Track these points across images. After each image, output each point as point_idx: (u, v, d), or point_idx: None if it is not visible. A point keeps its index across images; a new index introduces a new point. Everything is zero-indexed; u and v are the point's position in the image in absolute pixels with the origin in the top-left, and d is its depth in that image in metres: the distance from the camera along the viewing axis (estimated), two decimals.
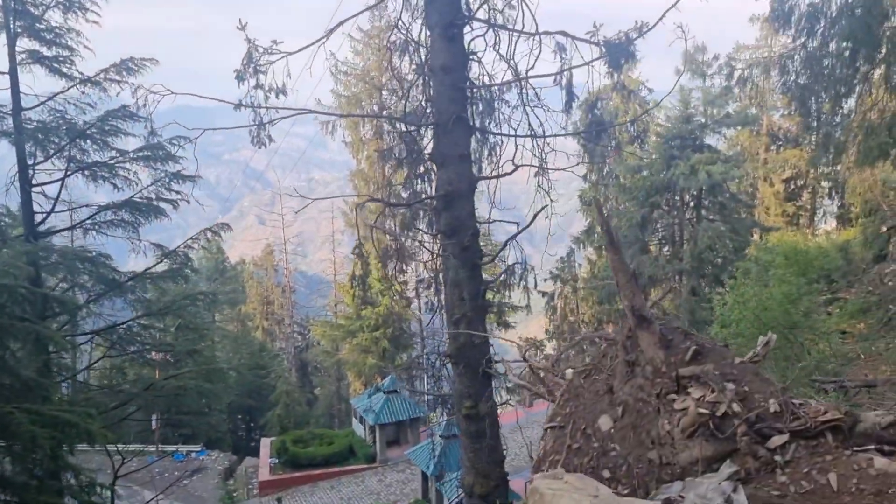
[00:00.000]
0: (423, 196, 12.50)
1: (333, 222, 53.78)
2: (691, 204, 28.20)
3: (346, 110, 36.08)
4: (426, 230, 13.05)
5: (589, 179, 49.66)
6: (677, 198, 27.99)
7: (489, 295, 15.37)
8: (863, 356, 22.51)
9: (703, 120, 28.24)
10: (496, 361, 11.95)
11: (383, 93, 22.31)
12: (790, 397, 3.57)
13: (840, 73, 14.91)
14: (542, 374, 4.93)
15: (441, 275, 12.89)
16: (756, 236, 35.51)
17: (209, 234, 22.66)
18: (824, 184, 46.00)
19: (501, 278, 13.55)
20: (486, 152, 15.62)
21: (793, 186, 47.71)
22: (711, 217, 28.56)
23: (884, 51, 14.33)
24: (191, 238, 22.51)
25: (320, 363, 60.36)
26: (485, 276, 14.25)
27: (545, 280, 56.90)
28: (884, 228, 30.04)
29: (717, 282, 22.86)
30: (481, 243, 13.30)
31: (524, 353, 9.08)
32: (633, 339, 3.92)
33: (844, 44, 14.70)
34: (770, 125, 45.40)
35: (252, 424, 63.49)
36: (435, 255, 12.59)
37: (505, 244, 12.30)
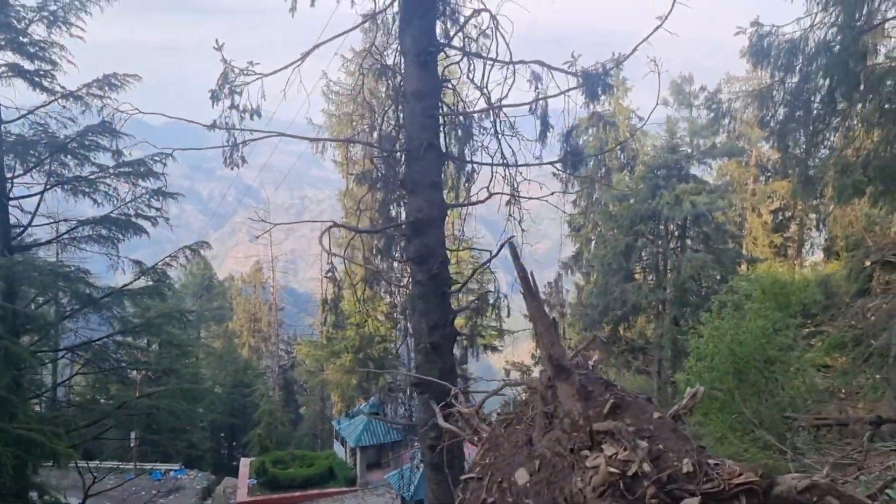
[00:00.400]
0: (393, 223, 12.38)
1: (322, 241, 53.54)
2: (676, 233, 28.19)
3: (336, 130, 36.09)
4: (399, 257, 12.91)
5: (578, 205, 49.90)
6: (662, 227, 27.97)
7: (469, 321, 15.26)
8: (843, 392, 22.41)
9: (689, 150, 28.32)
10: (461, 392, 11.74)
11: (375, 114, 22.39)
12: (706, 457, 3.43)
13: (818, 110, 14.95)
14: (469, 420, 4.79)
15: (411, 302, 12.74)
16: (743, 267, 35.59)
17: (188, 252, 22.46)
18: (812, 216, 46.15)
19: (473, 306, 13.40)
20: (463, 179, 15.61)
21: (780, 217, 47.87)
22: (696, 247, 28.55)
23: (861, 88, 14.36)
24: (169, 255, 22.32)
25: (304, 382, 59.92)
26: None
27: None
28: (867, 262, 30.06)
29: (699, 312, 22.75)
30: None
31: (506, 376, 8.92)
32: (553, 390, 3.79)
33: (822, 80, 14.74)
34: (759, 156, 45.62)
35: (234, 443, 62.83)
36: (406, 282, 12.46)
37: (473, 273, 12.23)
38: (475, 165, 13.11)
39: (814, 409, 14.76)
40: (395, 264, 13.73)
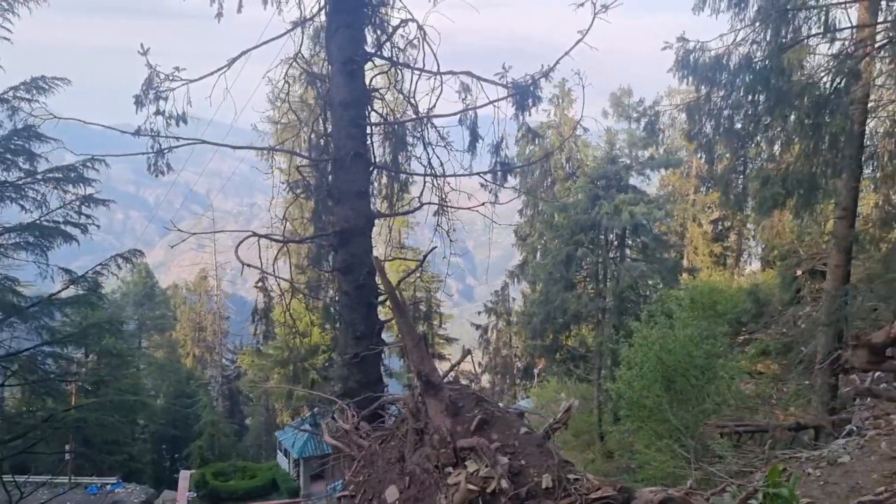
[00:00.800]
0: (319, 233, 12.27)
1: (268, 250, 52.84)
2: (615, 243, 28.65)
3: (281, 137, 35.70)
4: (327, 267, 12.80)
5: (524, 215, 50.36)
6: (602, 237, 28.39)
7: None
8: (774, 398, 23.03)
9: (628, 161, 28.83)
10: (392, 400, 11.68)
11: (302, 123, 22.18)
12: (568, 472, 3.45)
13: (742, 124, 15.37)
14: (349, 436, 4.73)
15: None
16: (684, 276, 36.34)
17: (120, 260, 21.84)
18: (749, 226, 47.47)
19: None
20: (397, 188, 15.60)
21: (720, 228, 49.14)
22: (634, 256, 29.04)
23: (782, 104, 14.80)
24: (100, 264, 21.68)
25: (249, 393, 58.96)
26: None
27: (479, 313, 57.13)
28: (799, 272, 31.03)
29: (638, 320, 23.15)
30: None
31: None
32: (423, 406, 3.77)
33: (746, 95, 15.15)
34: (699, 167, 46.73)
35: (176, 455, 61.34)
36: (335, 293, 12.36)
37: (398, 283, 12.14)
38: (413, 175, 13.09)
39: (737, 415, 15.08)
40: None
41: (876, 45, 15.33)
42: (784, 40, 15.40)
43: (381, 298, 12.01)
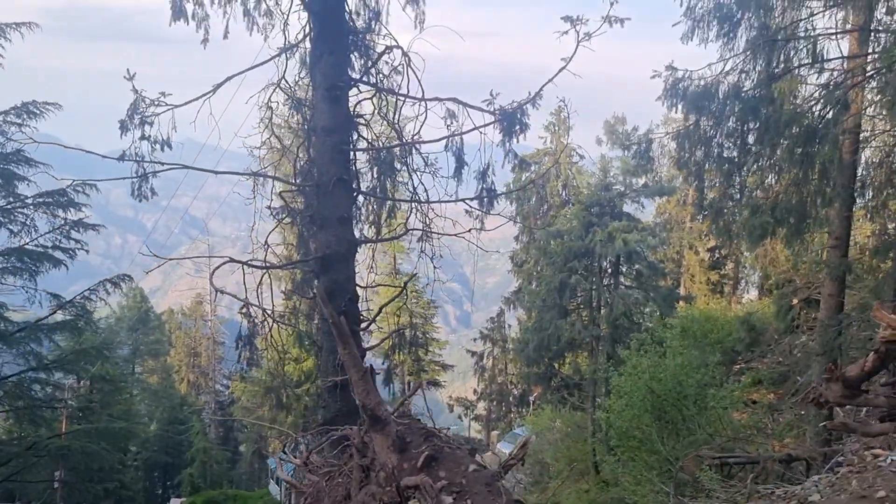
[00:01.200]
0: (301, 259, 12.15)
1: (253, 277, 52.74)
2: (609, 270, 28.52)
3: (269, 163, 35.69)
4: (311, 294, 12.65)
5: (520, 241, 50.33)
6: (595, 264, 28.29)
7: (387, 359, 15.01)
8: (770, 428, 22.71)
9: (622, 188, 28.84)
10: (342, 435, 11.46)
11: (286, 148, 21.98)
12: None
13: (731, 153, 15.34)
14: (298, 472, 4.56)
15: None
16: (681, 304, 36.16)
17: (109, 286, 21.75)
18: (747, 254, 47.39)
19: (385, 343, 13.18)
20: (385, 215, 15.51)
21: (717, 255, 49.01)
22: (629, 284, 28.91)
23: (772, 133, 14.77)
24: (88, 289, 21.59)
25: (241, 419, 58.42)
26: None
27: (475, 340, 56.80)
28: (794, 300, 30.86)
29: (629, 349, 22.96)
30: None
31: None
32: (369, 442, 3.61)
33: (735, 124, 15.14)
34: (695, 195, 46.76)
35: (168, 483, 60.62)
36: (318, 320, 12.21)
37: (379, 310, 12.00)
38: (399, 201, 13.02)
39: (729, 447, 14.83)
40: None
41: (864, 76, 15.38)
42: (776, 70, 15.44)
43: (363, 325, 11.86)
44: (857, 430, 6.10)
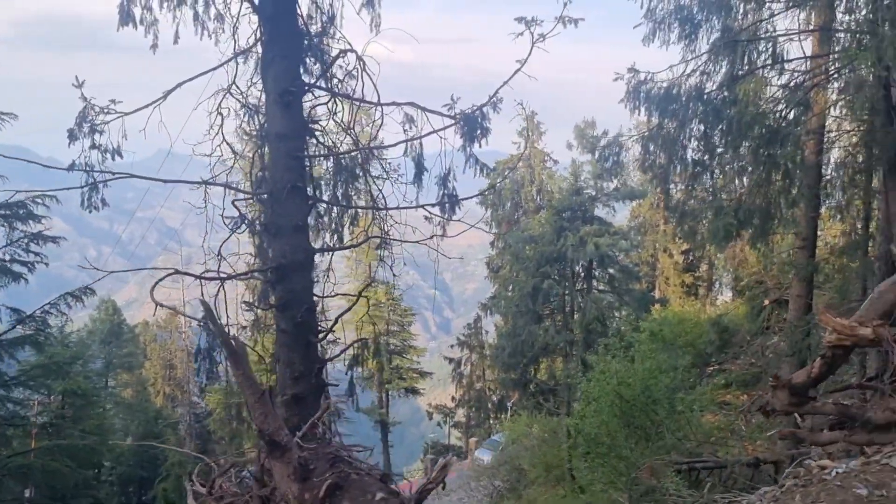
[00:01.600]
0: (255, 269, 11.85)
1: (237, 286, 52.12)
2: (582, 275, 28.44)
3: (248, 169, 35.24)
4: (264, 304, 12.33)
5: (496, 246, 50.25)
6: (568, 269, 28.18)
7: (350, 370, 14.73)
8: (745, 430, 22.66)
9: (593, 193, 28.80)
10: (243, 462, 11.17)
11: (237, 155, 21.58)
12: None
13: (695, 155, 15.28)
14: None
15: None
16: (657, 307, 36.18)
17: (70, 299, 21.24)
18: (720, 256, 47.64)
19: (345, 354, 12.91)
20: (347, 222, 15.23)
21: (691, 258, 49.22)
22: (602, 288, 28.85)
23: (735, 134, 14.72)
24: (48, 303, 21.08)
25: (214, 432, 57.64)
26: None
27: (452, 347, 56.59)
28: (766, 302, 30.99)
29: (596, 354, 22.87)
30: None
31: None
32: (268, 470, 3.36)
33: (698, 126, 15.07)
34: (662, 198, 46.97)
35: (144, 498, 59.60)
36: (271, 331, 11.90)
37: (336, 320, 11.72)
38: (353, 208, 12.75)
39: (697, 451, 14.69)
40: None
41: (826, 76, 15.39)
42: (739, 72, 15.41)
43: (321, 336, 11.57)
44: (806, 439, 5.94)
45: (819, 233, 26.99)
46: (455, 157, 13.18)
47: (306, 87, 11.39)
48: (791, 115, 14.30)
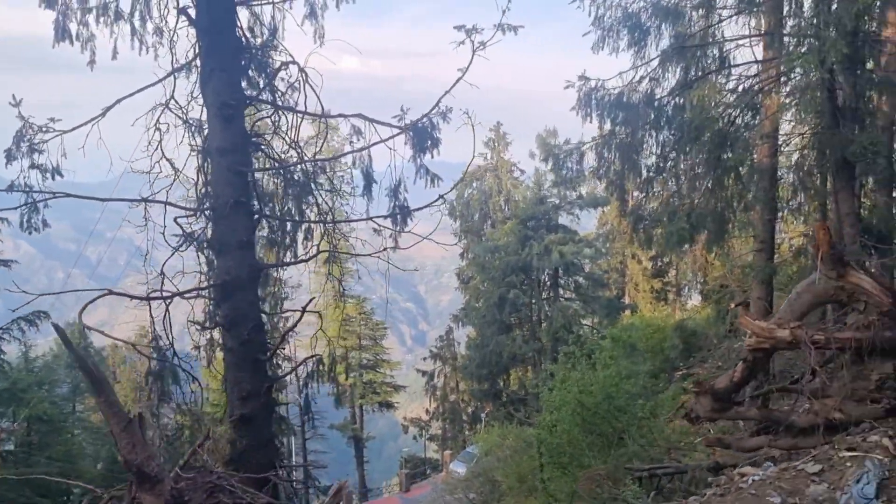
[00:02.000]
0: (198, 287, 11.58)
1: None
2: (548, 283, 28.40)
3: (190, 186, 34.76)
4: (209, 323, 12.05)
5: (466, 257, 50.14)
6: (534, 278, 28.14)
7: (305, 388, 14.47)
8: (711, 431, 22.67)
9: (557, 201, 28.83)
10: (282, 466, 10.97)
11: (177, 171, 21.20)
12: None
13: (647, 160, 15.31)
14: None
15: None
16: (627, 313, 36.26)
17: (23, 324, 20.73)
18: (687, 260, 47.97)
19: (297, 373, 12.67)
20: (301, 237, 15.03)
21: (660, 263, 49.49)
22: (568, 296, 28.84)
23: (686, 140, 14.78)
24: (0, 328, 20.55)
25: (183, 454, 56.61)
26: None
27: (424, 359, 56.24)
28: (732, 305, 31.15)
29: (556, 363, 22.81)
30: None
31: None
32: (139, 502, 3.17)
33: (650, 133, 15.12)
34: (636, 204, 47.23)
35: None
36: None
37: (282, 338, 11.50)
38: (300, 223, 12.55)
39: (659, 457, 14.59)
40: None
41: (775, 80, 15.52)
42: (691, 77, 15.50)
43: (269, 354, 11.34)
44: (732, 446, 5.86)
45: (783, 235, 27.32)
46: (410, 168, 13.15)
47: (248, 101, 11.22)
48: (740, 120, 14.37)
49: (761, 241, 18.61)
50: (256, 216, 11.49)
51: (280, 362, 21.24)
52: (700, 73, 15.59)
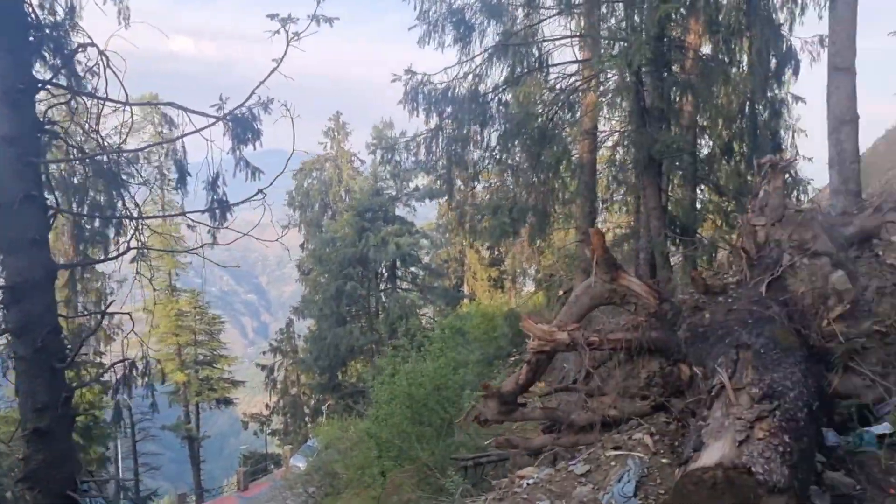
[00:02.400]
0: None
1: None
2: (385, 275, 28.46)
3: None
4: None
5: (306, 248, 49.23)
6: (371, 269, 28.09)
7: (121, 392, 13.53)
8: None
9: (394, 193, 28.92)
10: (85, 481, 10.17)
11: None
12: None
13: (471, 156, 15.66)
14: None
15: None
16: (465, 302, 37.05)
17: None
18: (516, 251, 49.83)
19: (113, 376, 11.80)
20: (112, 232, 14.04)
21: (496, 252, 51.10)
22: (406, 287, 29.06)
23: (508, 135, 15.22)
24: None
25: None
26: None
27: (264, 353, 54.76)
28: (561, 292, 32.78)
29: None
30: None
31: None
32: None
33: (475, 128, 15.43)
34: (473, 196, 48.43)
35: None
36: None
37: (81, 343, 10.66)
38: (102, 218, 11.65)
39: (484, 446, 15.02)
40: None
41: (591, 80, 16.36)
42: (516, 74, 15.96)
43: (68, 361, 10.44)
44: (519, 446, 6.11)
45: (606, 225, 29.02)
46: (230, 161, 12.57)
47: (39, 85, 10.20)
48: (559, 117, 15.01)
49: (583, 233, 19.64)
50: (51, 211, 10.51)
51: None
52: (525, 71, 16.10)
